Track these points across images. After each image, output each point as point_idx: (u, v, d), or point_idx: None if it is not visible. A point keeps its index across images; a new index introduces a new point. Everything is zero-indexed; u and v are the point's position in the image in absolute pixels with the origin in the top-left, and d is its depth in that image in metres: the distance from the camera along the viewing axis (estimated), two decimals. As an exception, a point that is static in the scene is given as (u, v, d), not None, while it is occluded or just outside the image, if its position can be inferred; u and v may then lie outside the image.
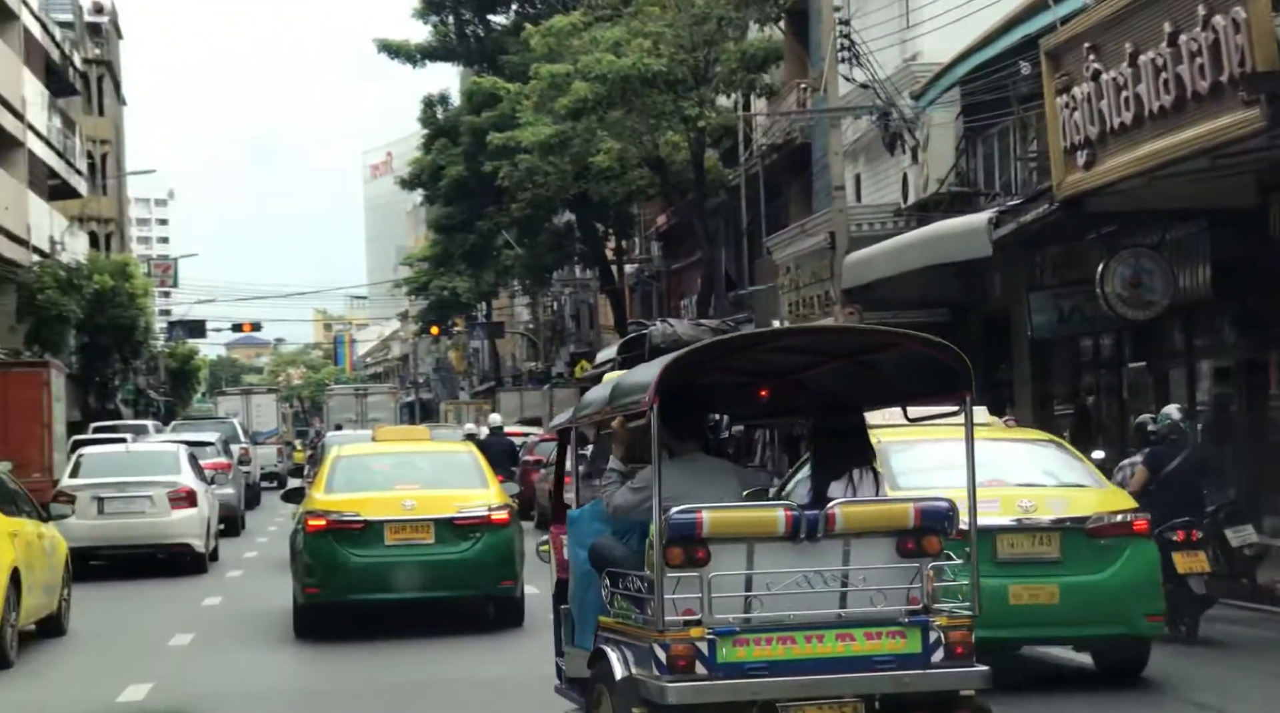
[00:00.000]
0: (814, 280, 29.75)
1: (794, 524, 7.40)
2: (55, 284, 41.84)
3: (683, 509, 7.36)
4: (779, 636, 7.28)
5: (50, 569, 15.43)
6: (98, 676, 13.44)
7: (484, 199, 44.38)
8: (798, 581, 7.38)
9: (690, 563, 7.31)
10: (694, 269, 41.08)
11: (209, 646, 14.81)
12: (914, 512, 7.53)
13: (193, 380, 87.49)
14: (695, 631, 7.22)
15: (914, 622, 7.38)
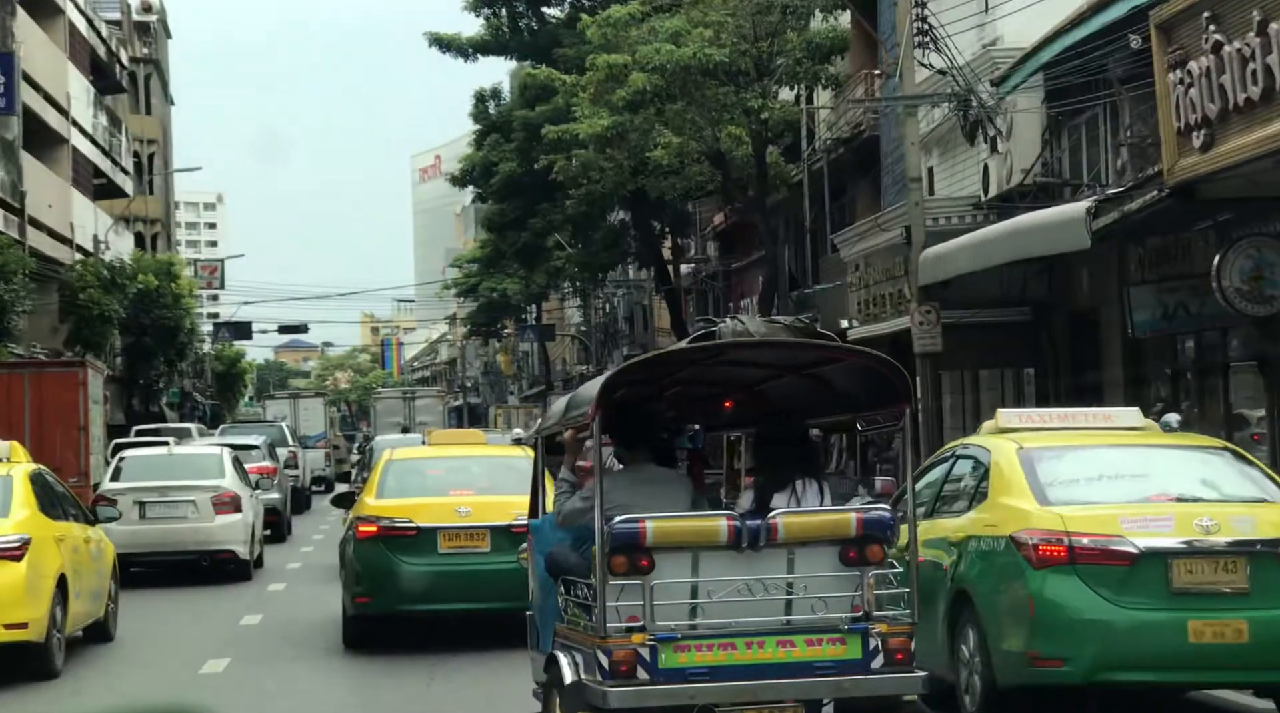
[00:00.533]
0: (885, 278, 28.34)
1: (736, 534, 7.60)
2: (98, 283, 40.83)
3: (626, 519, 7.57)
4: (720, 642, 7.48)
5: (98, 575, 15.05)
6: (144, 687, 12.98)
7: (537, 196, 43.14)
8: (739, 589, 7.54)
9: (634, 571, 7.51)
10: (754, 269, 39.73)
11: (254, 657, 14.26)
12: (856, 521, 7.72)
13: (239, 384, 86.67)
14: (637, 637, 7.45)
15: (854, 629, 7.56)
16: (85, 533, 14.97)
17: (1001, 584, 9.31)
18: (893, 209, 26.93)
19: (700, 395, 9.22)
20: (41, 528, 13.65)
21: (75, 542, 14.44)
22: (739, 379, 8.92)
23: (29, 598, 13.00)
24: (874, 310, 29.11)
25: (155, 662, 14.50)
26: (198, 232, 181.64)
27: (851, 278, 30.42)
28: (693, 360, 8.66)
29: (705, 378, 8.95)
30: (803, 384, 8.65)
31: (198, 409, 72.51)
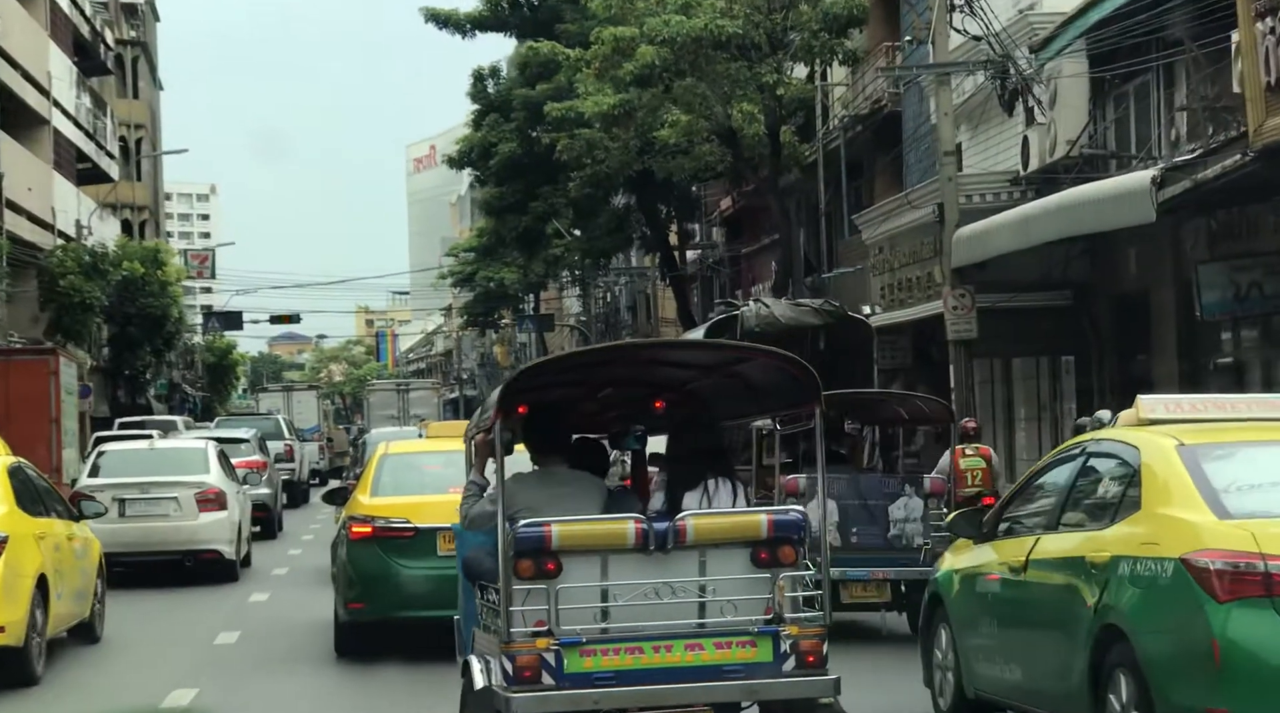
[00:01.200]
0: (912, 260, 26.63)
1: (644, 536, 7.49)
2: (78, 269, 39.01)
3: (530, 522, 7.49)
4: (627, 646, 7.39)
5: (82, 574, 14.40)
6: (132, 691, 12.50)
7: (538, 178, 41.35)
8: (646, 592, 7.44)
9: (540, 575, 7.41)
10: (766, 254, 37.99)
11: (242, 664, 13.48)
12: (766, 523, 7.59)
13: (231, 376, 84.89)
14: (541, 642, 7.34)
15: (764, 631, 7.46)
16: (69, 530, 14.27)
17: (1170, 621, 7.42)
18: (923, 186, 25.21)
19: (636, 396, 8.93)
20: (20, 525, 12.94)
21: (57, 539, 13.75)
22: (669, 379, 8.69)
23: (5, 600, 12.29)
24: (899, 295, 27.41)
25: (144, 665, 13.75)
26: (190, 223, 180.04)
27: (874, 261, 28.71)
28: (606, 361, 8.64)
29: (638, 378, 8.73)
30: (726, 384, 8.52)
31: (188, 401, 70.72)
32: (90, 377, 45.63)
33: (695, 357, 8.82)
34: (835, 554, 12.89)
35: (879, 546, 13.45)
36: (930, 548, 13.25)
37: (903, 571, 13.35)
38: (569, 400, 8.66)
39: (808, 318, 18.70)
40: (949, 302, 23.24)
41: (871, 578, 13.39)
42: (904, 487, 13.61)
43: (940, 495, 13.70)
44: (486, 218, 53.09)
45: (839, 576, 13.02)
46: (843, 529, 13.38)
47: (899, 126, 31.57)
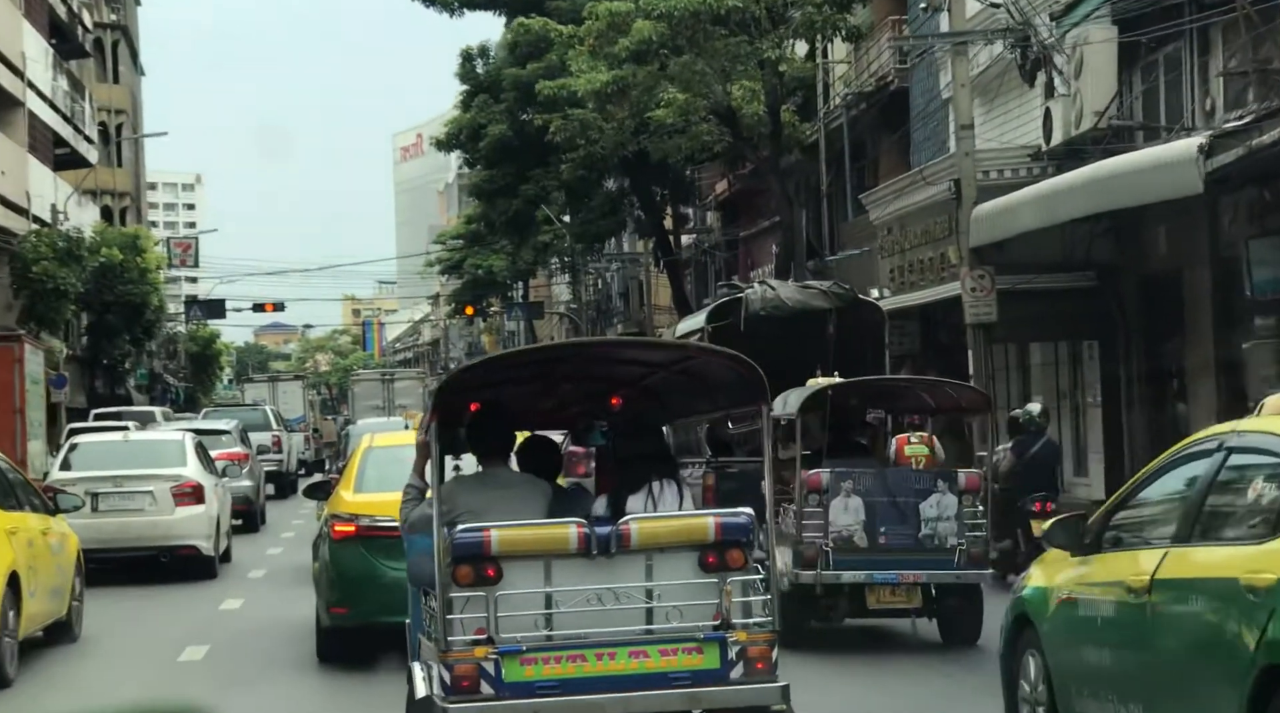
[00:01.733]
0: (924, 241, 25.40)
1: (586, 541, 7.31)
2: (53, 255, 37.61)
3: (468, 527, 7.31)
4: (570, 654, 7.23)
5: (58, 570, 13.78)
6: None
7: (528, 161, 40.05)
8: (589, 598, 7.28)
9: (480, 581, 7.24)
10: (766, 237, 36.74)
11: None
12: (714, 526, 7.44)
13: (215, 366, 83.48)
14: (479, 650, 7.17)
15: (711, 637, 7.32)
16: (44, 524, 13.67)
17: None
18: (939, 161, 23.93)
19: (596, 391, 8.73)
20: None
21: (31, 534, 13.13)
22: (623, 376, 8.53)
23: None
24: (910, 277, 26.18)
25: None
26: (176, 212, 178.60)
27: (882, 242, 27.49)
28: (551, 360, 8.45)
29: (594, 374, 8.57)
30: (678, 381, 8.35)
31: (170, 392, 69.34)
32: (67, 366, 44.31)
33: (644, 355, 8.62)
34: (861, 556, 12.16)
35: (909, 546, 12.38)
36: (965, 549, 12.28)
37: (935, 574, 12.33)
38: (520, 399, 8.43)
39: (816, 301, 17.79)
40: (967, 283, 22.00)
41: (901, 581, 12.41)
42: (936, 482, 12.50)
43: (976, 491, 12.55)
44: (476, 202, 51.77)
45: (865, 579, 12.27)
46: (869, 529, 12.37)
47: (905, 104, 30.35)
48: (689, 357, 8.27)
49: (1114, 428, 22.61)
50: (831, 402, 12.95)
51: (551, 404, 8.91)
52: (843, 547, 12.19)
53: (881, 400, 14.34)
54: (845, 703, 10.62)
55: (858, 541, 12.24)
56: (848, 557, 12.21)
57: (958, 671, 11.71)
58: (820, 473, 12.43)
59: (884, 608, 12.56)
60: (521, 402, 8.54)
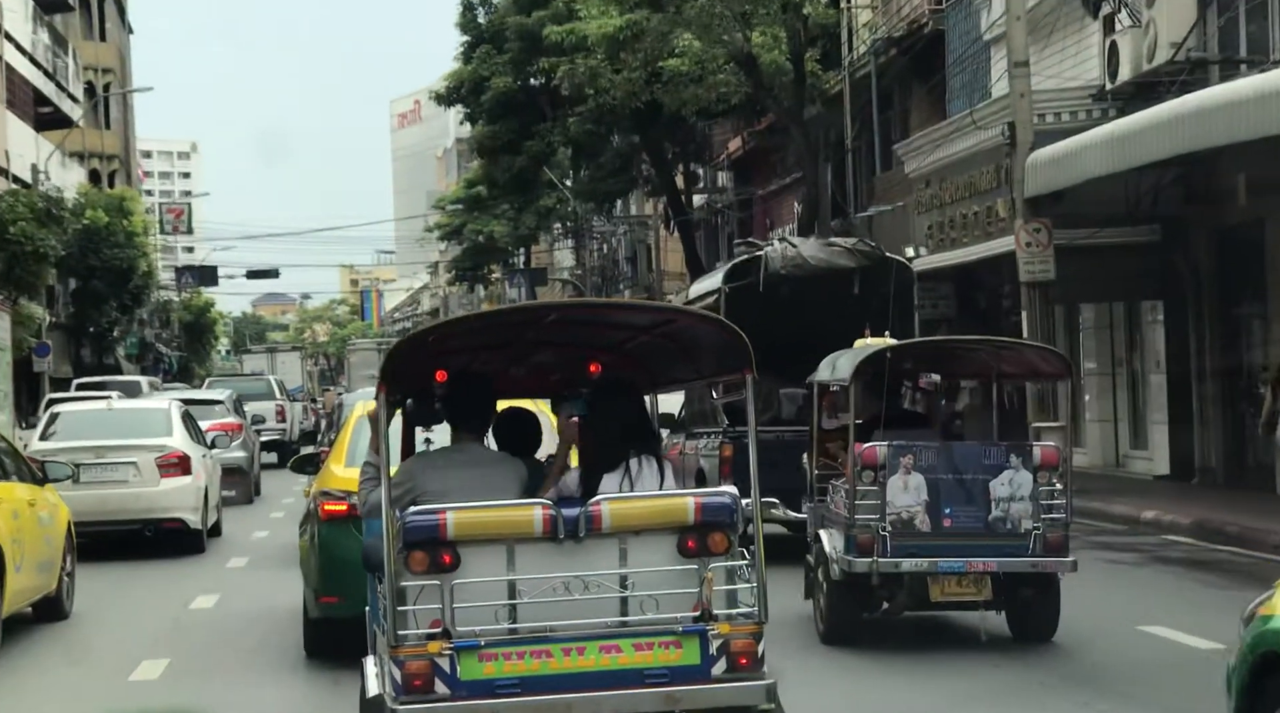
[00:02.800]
0: (968, 193, 23.39)
1: (552, 524, 6.61)
2: (31, 215, 35.55)
3: (421, 509, 6.69)
4: (533, 649, 6.57)
5: (47, 542, 13.05)
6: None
7: (533, 115, 37.94)
8: (556, 587, 6.57)
9: (435, 569, 6.57)
10: (786, 194, 34.71)
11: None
12: (694, 506, 6.74)
13: (209, 335, 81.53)
14: (433, 645, 6.52)
15: (690, 630, 6.65)
16: (31, 495, 12.96)
17: None
18: (989, 103, 21.87)
19: (574, 358, 7.96)
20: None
21: (16, 505, 12.48)
22: (603, 341, 7.78)
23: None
24: (950, 234, 24.18)
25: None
26: (172, 181, 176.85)
27: (918, 197, 25.48)
28: (517, 322, 7.61)
29: (571, 339, 7.80)
30: (660, 346, 7.64)
31: (162, 362, 67.42)
32: (50, 334, 42.39)
33: (623, 317, 7.95)
34: (924, 541, 10.68)
35: (978, 530, 10.73)
36: (1041, 533, 10.67)
37: (1007, 561, 10.69)
38: (493, 366, 7.75)
39: (840, 260, 16.65)
40: (1021, 237, 20.00)
41: (968, 570, 10.74)
42: (1009, 457, 10.82)
43: (1055, 467, 10.82)
44: (477, 161, 49.68)
45: (927, 567, 10.71)
46: (933, 510, 10.74)
47: (939, 50, 28.32)
48: (670, 320, 7.53)
49: (1181, 398, 20.67)
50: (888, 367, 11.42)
51: (528, 372, 8.14)
52: (902, 531, 10.73)
53: (939, 364, 12.52)
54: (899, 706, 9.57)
55: (919, 524, 10.79)
56: (908, 542, 10.73)
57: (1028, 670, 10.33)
58: (876, 447, 10.82)
59: (949, 600, 10.96)
60: (494, 369, 7.81)
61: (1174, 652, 10.62)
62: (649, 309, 8.34)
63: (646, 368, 7.97)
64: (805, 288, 16.37)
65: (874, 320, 15.40)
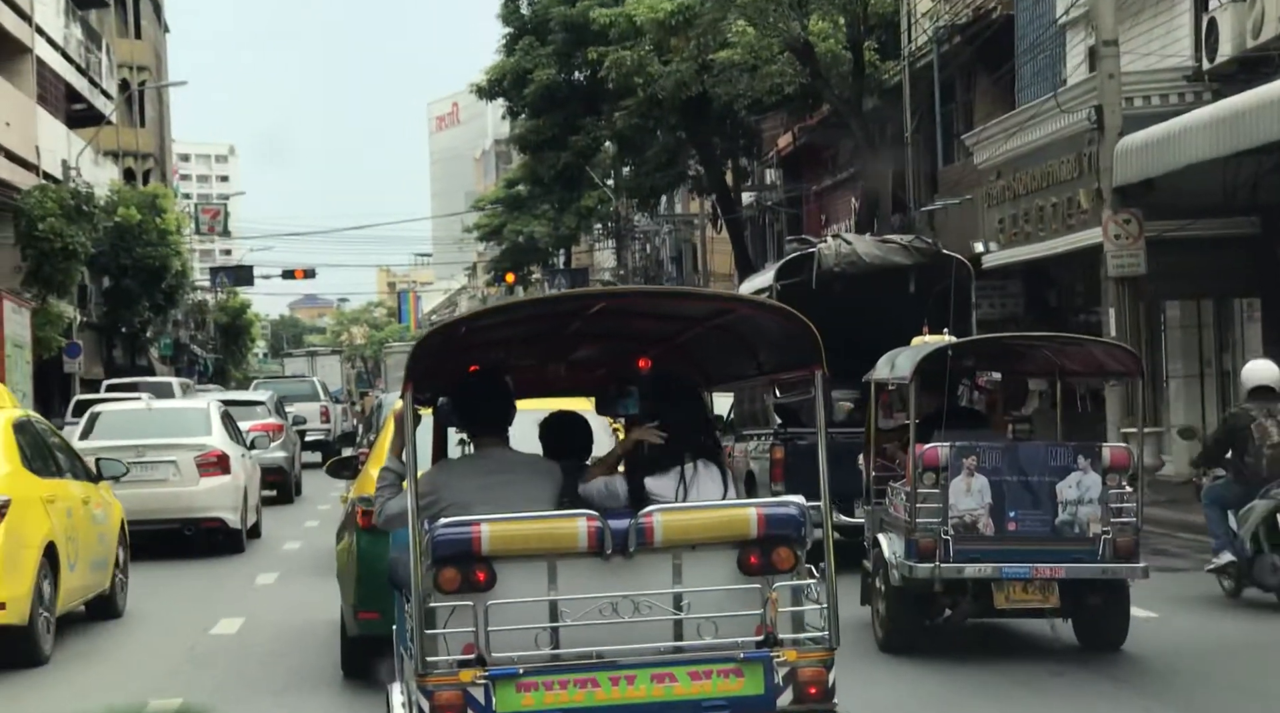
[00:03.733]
0: (1044, 184, 22.02)
1: (598, 537, 6.02)
2: (59, 211, 34.45)
3: (453, 521, 6.08)
4: (578, 678, 5.98)
5: (100, 540, 13.02)
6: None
7: (578, 109, 36.67)
8: (603, 608, 6.01)
9: (468, 587, 6.00)
10: (843, 190, 33.38)
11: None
12: (757, 518, 6.14)
13: (245, 337, 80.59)
14: (466, 673, 5.95)
15: (753, 657, 6.07)
16: (85, 493, 12.92)
17: None
18: (1074, 87, 20.49)
19: (620, 352, 7.31)
20: (25, 487, 11.60)
21: (70, 503, 12.38)
22: (652, 333, 7.06)
23: (6, 572, 11.01)
24: (1024, 228, 22.80)
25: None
26: (209, 184, 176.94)
27: (989, 189, 24.11)
28: (565, 313, 6.85)
29: (616, 332, 7.06)
30: (716, 339, 6.94)
31: (197, 364, 66.47)
32: (81, 334, 41.35)
33: (675, 307, 7.17)
34: (988, 546, 10.28)
35: (1044, 535, 10.35)
36: (1110, 538, 10.25)
37: (1075, 567, 10.29)
38: (533, 361, 7.33)
39: (896, 256, 16.40)
40: (1110, 229, 18.65)
41: (1034, 576, 10.34)
42: (1076, 459, 10.40)
43: (1125, 469, 10.48)
44: (519, 157, 48.45)
45: (991, 573, 10.31)
46: (997, 514, 10.34)
47: (1007, 38, 26.93)
48: (730, 310, 6.76)
49: (1279, 401, 19.22)
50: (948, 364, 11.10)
51: (570, 368, 7.65)
52: (965, 535, 10.34)
53: (1001, 362, 12.16)
54: None
55: (983, 528, 10.37)
56: (971, 547, 10.32)
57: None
58: (938, 447, 10.41)
59: (1014, 608, 10.55)
60: (534, 365, 7.38)
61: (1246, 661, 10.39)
62: (708, 297, 7.59)
63: (700, 363, 7.39)
64: (859, 286, 16.11)
65: (931, 319, 15.02)
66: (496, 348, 7.01)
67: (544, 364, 7.43)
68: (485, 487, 6.53)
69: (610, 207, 58.78)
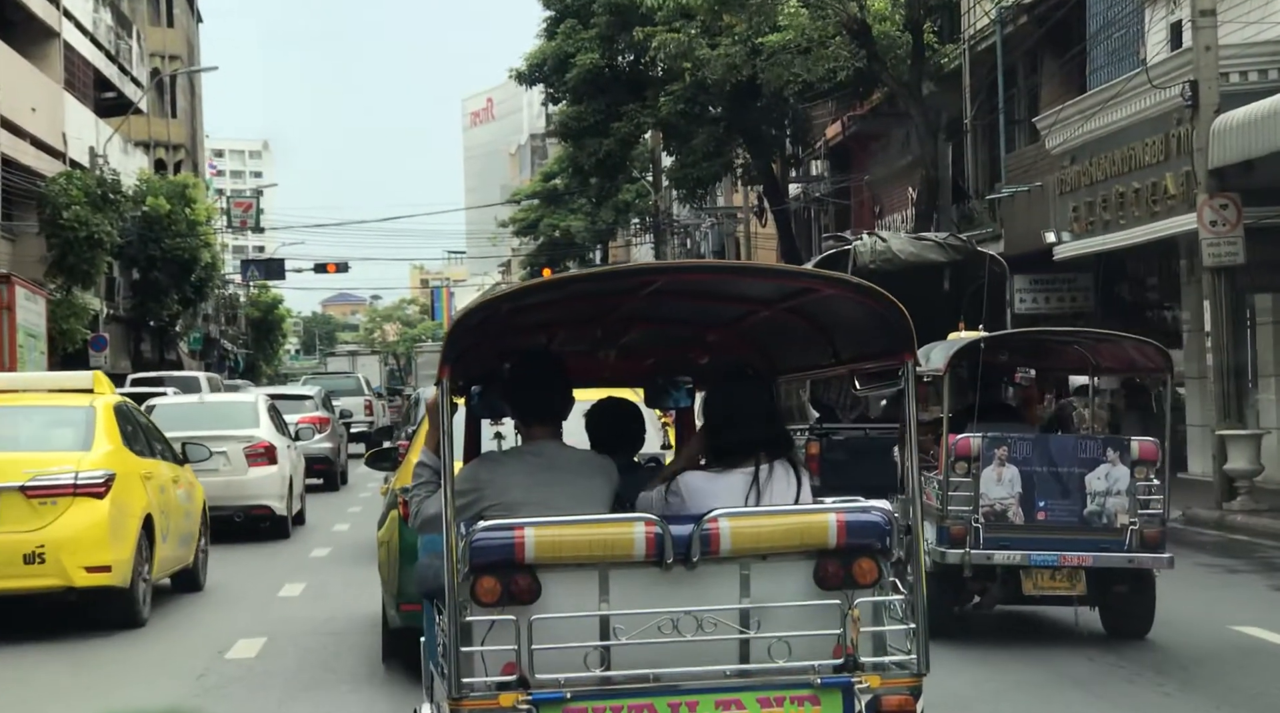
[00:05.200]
0: (1126, 168, 20.62)
1: (658, 544, 5.37)
2: (85, 199, 33.31)
3: (493, 525, 5.44)
4: (632, 703, 5.38)
5: (187, 517, 14.11)
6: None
7: (622, 94, 35.35)
8: (662, 625, 5.37)
9: (509, 600, 5.37)
10: (897, 181, 32.01)
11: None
12: (836, 525, 5.49)
13: (276, 333, 79.60)
14: (505, 698, 5.29)
15: (831, 682, 5.40)
16: (174, 473, 13.97)
17: None
18: (1165, 62, 19.09)
19: (676, 338, 6.72)
20: (127, 464, 12.55)
21: (162, 481, 13.40)
22: (712, 317, 6.43)
23: (113, 539, 12.00)
24: (1103, 215, 21.41)
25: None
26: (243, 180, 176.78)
27: (1063, 175, 22.73)
28: (616, 291, 6.13)
29: (672, 315, 6.41)
30: (787, 325, 6.22)
31: (228, 359, 65.43)
32: (108, 327, 40.26)
33: (742, 286, 6.27)
34: (1017, 534, 10.74)
35: (1072, 524, 10.80)
36: (1138, 529, 10.67)
37: (1102, 556, 10.72)
38: (577, 347, 6.55)
39: (931, 254, 16.76)
40: (1205, 215, 17.28)
41: (1062, 564, 10.79)
42: (1105, 451, 10.86)
43: (1152, 463, 10.82)
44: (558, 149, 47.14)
45: (1020, 560, 10.77)
46: (1026, 503, 10.82)
47: (1077, 19, 25.55)
48: (805, 290, 6.03)
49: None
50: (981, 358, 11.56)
51: (619, 355, 6.87)
52: (995, 523, 10.78)
53: (1035, 357, 12.56)
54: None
55: (1012, 516, 10.82)
56: (1001, 535, 10.75)
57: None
58: (970, 438, 10.85)
59: (1042, 594, 10.97)
60: (581, 351, 6.67)
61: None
62: (784, 274, 6.70)
63: (765, 350, 6.72)
64: (894, 282, 16.29)
65: (966, 315, 15.39)
66: (539, 332, 6.38)
67: (593, 351, 6.74)
68: (533, 486, 5.90)
69: (649, 200, 57.49)
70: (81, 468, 11.98)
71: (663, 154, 41.67)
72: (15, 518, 11.66)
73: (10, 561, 11.57)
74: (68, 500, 11.83)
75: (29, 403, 13.11)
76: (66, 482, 11.86)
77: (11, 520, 11.66)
